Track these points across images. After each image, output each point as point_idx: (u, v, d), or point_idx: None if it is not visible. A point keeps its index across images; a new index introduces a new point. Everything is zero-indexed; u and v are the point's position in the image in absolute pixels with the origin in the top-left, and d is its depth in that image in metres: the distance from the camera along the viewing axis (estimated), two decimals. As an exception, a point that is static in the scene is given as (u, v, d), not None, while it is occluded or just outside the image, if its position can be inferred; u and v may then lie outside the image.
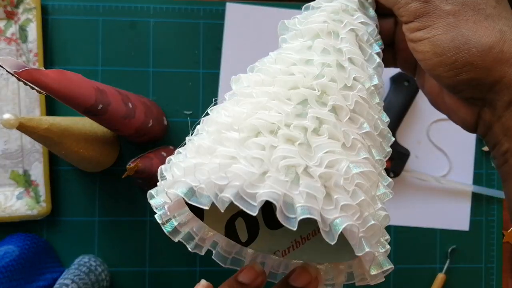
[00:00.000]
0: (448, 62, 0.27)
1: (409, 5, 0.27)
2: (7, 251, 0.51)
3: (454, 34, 0.26)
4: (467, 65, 0.26)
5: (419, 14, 0.27)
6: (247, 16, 0.60)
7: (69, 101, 0.38)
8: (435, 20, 0.27)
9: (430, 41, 0.27)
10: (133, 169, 0.45)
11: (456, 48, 0.26)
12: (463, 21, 0.26)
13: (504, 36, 0.26)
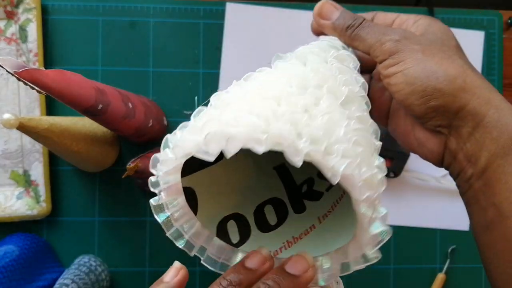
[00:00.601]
0: (419, 89, 0.29)
1: (383, 45, 0.31)
2: (7, 251, 0.51)
3: (423, 66, 0.30)
4: (436, 92, 0.29)
5: (392, 52, 0.31)
6: (247, 16, 0.60)
7: (69, 101, 0.38)
8: (407, 56, 0.30)
9: (403, 73, 0.30)
10: (133, 169, 0.45)
11: (426, 77, 0.29)
12: (430, 56, 0.30)
13: (465, 70, 0.29)
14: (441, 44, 0.31)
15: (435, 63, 0.30)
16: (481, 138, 0.29)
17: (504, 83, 0.63)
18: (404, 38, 0.31)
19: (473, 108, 0.28)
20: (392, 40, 0.31)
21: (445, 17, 0.62)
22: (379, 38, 0.31)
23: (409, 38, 0.31)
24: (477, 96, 0.29)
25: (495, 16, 0.63)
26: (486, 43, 0.63)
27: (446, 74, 0.29)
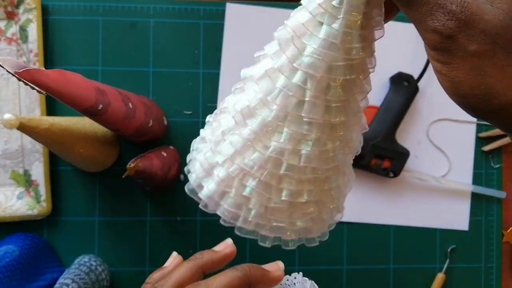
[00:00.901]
0: (468, 106, 0.25)
1: (429, 34, 0.24)
2: (7, 251, 0.51)
3: (476, 82, 0.23)
4: (488, 114, 0.24)
5: (439, 48, 0.24)
6: (247, 16, 0.61)
7: (69, 101, 0.38)
8: (457, 61, 0.23)
9: (450, 80, 0.24)
10: (133, 169, 0.45)
11: (476, 97, 0.24)
12: (489, 65, 0.23)
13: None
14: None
15: (492, 75, 0.23)
16: None
17: (503, 83, 0.63)
18: (461, 31, 0.22)
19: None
20: (440, 34, 0.23)
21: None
22: (425, 18, 0.23)
23: (470, 29, 0.22)
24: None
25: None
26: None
27: (503, 96, 0.23)
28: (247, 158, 0.33)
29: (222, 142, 0.34)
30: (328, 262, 0.61)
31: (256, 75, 0.32)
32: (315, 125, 0.30)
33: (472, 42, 0.22)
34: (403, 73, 0.60)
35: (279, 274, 0.35)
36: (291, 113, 0.30)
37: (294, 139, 0.31)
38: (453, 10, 0.22)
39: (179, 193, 0.59)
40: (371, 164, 0.59)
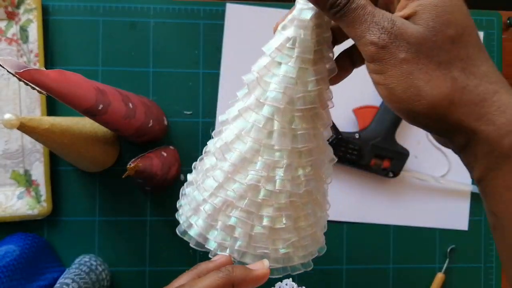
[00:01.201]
0: (404, 110, 0.28)
1: (367, 47, 0.28)
2: (8, 250, 0.52)
3: (407, 85, 0.27)
4: (422, 115, 0.28)
5: (375, 58, 0.28)
6: (247, 16, 0.61)
7: (70, 101, 0.38)
8: (390, 68, 0.27)
9: (386, 88, 0.28)
10: (133, 169, 0.45)
11: (409, 99, 0.27)
12: (416, 70, 0.27)
13: (455, 84, 0.27)
14: (439, 37, 0.27)
15: (420, 78, 0.27)
16: (474, 152, 0.28)
17: (503, 83, 0.63)
18: (392, 42, 0.27)
19: (462, 127, 0.27)
20: (376, 45, 0.27)
21: (444, 18, 0.63)
22: (363, 34, 0.27)
23: (398, 39, 0.27)
24: (467, 115, 0.27)
25: (494, 17, 0.63)
26: (485, 44, 0.63)
27: (431, 95, 0.27)
28: (229, 189, 0.36)
29: (206, 179, 0.38)
30: (328, 262, 0.61)
31: (231, 117, 0.37)
32: (285, 152, 0.34)
33: (401, 51, 0.27)
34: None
35: (264, 272, 0.35)
36: (263, 143, 0.35)
37: (268, 167, 0.35)
38: (385, 26, 0.27)
39: (179, 193, 0.59)
40: (371, 164, 0.59)
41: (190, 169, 0.52)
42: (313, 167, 0.36)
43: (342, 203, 0.61)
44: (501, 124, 0.27)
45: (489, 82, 0.27)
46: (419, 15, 0.27)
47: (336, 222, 0.61)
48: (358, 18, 0.27)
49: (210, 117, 0.60)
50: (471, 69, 0.27)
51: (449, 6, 0.27)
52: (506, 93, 0.27)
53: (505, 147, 0.27)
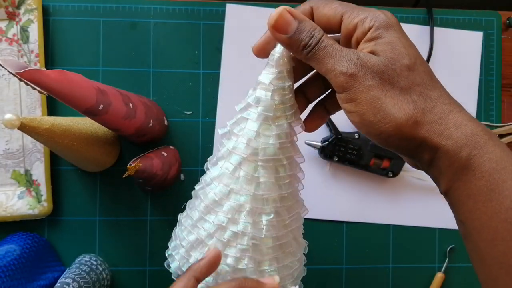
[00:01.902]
0: (376, 132, 0.31)
1: (337, 78, 0.30)
2: (9, 250, 0.52)
3: (376, 110, 0.30)
4: (392, 136, 0.30)
5: (346, 87, 0.30)
6: (247, 17, 0.61)
7: (70, 101, 0.38)
8: (360, 95, 0.30)
9: (358, 115, 0.31)
10: (134, 169, 0.45)
11: (379, 122, 0.30)
12: (382, 95, 0.30)
13: (416, 106, 0.30)
14: (397, 66, 0.30)
15: (387, 102, 0.30)
16: (438, 166, 0.31)
17: (502, 83, 0.63)
18: (359, 71, 0.30)
19: (427, 144, 0.30)
20: (345, 75, 0.30)
21: (443, 18, 0.63)
22: (334, 67, 0.31)
23: (364, 69, 0.30)
24: (429, 132, 0.30)
25: (494, 17, 0.63)
26: (484, 44, 0.63)
27: (397, 117, 0.30)
28: (201, 228, 0.41)
29: (187, 218, 0.43)
30: (327, 262, 0.61)
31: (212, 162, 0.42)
32: (248, 197, 0.38)
33: (368, 78, 0.30)
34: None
35: (274, 287, 0.37)
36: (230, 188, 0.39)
37: (234, 210, 0.39)
38: (352, 58, 0.30)
39: (179, 193, 0.60)
40: (371, 164, 0.59)
41: (190, 169, 0.53)
42: (277, 214, 0.39)
43: (342, 203, 0.61)
44: (457, 138, 0.30)
45: (443, 103, 0.30)
46: (377, 51, 0.31)
47: (336, 222, 0.61)
48: (328, 54, 0.31)
49: (210, 117, 0.60)
50: (427, 93, 0.31)
51: (400, 42, 0.31)
52: (459, 112, 0.30)
53: (463, 159, 0.29)
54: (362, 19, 0.31)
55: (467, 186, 0.30)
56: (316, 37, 0.31)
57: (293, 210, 0.41)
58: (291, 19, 0.32)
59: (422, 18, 0.63)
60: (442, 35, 0.62)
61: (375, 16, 0.31)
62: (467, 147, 0.29)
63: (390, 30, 0.31)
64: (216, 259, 0.38)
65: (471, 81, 0.63)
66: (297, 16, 0.32)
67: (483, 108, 0.63)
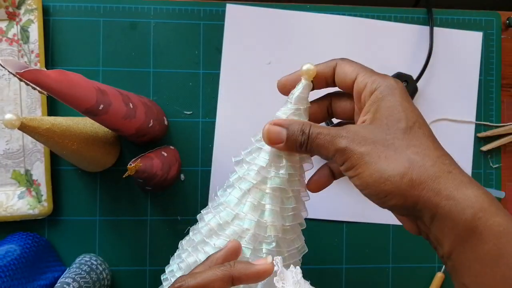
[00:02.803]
0: (374, 193, 0.32)
1: (335, 156, 0.33)
2: (9, 250, 0.52)
3: (371, 171, 0.31)
4: (388, 194, 0.31)
5: (343, 160, 0.33)
6: (247, 17, 0.61)
7: (70, 101, 0.39)
8: (355, 162, 0.32)
9: (358, 178, 0.32)
10: (134, 169, 0.45)
11: (376, 182, 0.31)
12: (376, 157, 0.31)
13: (412, 164, 0.30)
14: (391, 131, 0.32)
15: (381, 164, 0.31)
16: (440, 227, 0.30)
17: (502, 83, 0.63)
18: (350, 143, 0.32)
19: (425, 202, 0.30)
20: (339, 151, 0.32)
21: (443, 18, 0.63)
22: (329, 150, 0.33)
23: (355, 140, 0.32)
24: (426, 190, 0.30)
25: (493, 17, 0.63)
26: (484, 44, 0.63)
27: (392, 176, 0.30)
28: (201, 250, 0.41)
29: (189, 240, 0.44)
30: (327, 262, 0.61)
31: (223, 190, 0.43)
32: (252, 223, 0.39)
33: (360, 146, 0.32)
34: (402, 73, 0.60)
35: (266, 267, 0.35)
36: (236, 213, 0.40)
37: (236, 234, 0.39)
38: (342, 134, 0.33)
39: (179, 193, 0.60)
40: (370, 164, 0.59)
41: (190, 169, 0.53)
42: (278, 244, 0.40)
43: (342, 203, 0.61)
44: (459, 199, 0.29)
45: (443, 163, 0.31)
46: (376, 115, 0.33)
47: (336, 221, 0.61)
48: (320, 144, 0.33)
49: (210, 117, 0.60)
50: (425, 152, 0.31)
51: (400, 106, 0.32)
52: (459, 174, 0.30)
53: (468, 221, 0.29)
54: (371, 81, 0.34)
55: (473, 249, 0.29)
56: (305, 133, 0.34)
57: (293, 245, 0.41)
58: (279, 129, 0.35)
59: (422, 18, 0.63)
60: (442, 35, 0.63)
61: (383, 80, 0.33)
62: (471, 209, 0.29)
63: (392, 94, 0.33)
64: (234, 251, 0.37)
65: (471, 81, 0.63)
66: (282, 124, 0.35)
67: (483, 108, 0.63)
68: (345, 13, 0.62)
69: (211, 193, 0.60)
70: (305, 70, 0.37)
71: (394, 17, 0.62)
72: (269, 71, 0.60)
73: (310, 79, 0.38)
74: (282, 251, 0.40)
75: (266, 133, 0.35)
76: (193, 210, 0.59)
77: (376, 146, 0.32)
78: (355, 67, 0.35)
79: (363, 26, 0.62)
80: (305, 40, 0.61)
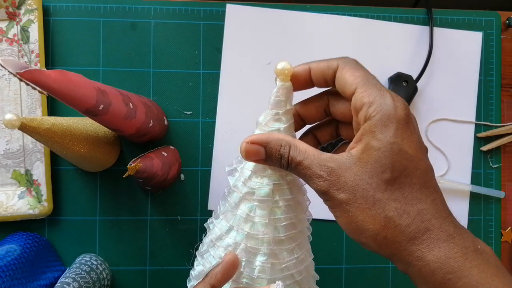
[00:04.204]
0: (352, 237, 0.32)
1: (317, 190, 0.32)
2: (9, 250, 0.52)
3: (348, 221, 0.31)
4: (364, 244, 0.31)
5: (324, 199, 0.32)
6: (246, 17, 0.61)
7: (70, 101, 0.39)
8: (334, 207, 0.31)
9: (337, 219, 0.32)
10: (134, 168, 0.45)
11: (353, 231, 0.31)
12: (354, 208, 0.30)
13: (388, 223, 0.30)
14: (374, 180, 0.30)
15: (357, 216, 0.30)
16: (414, 279, 0.31)
17: (502, 83, 0.63)
18: (330, 187, 0.31)
19: (398, 259, 0.30)
20: (319, 191, 0.31)
21: (443, 18, 0.63)
22: (309, 182, 0.32)
23: (335, 185, 0.31)
24: (399, 250, 0.30)
25: (493, 17, 0.63)
26: (484, 44, 0.63)
27: (367, 231, 0.30)
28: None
29: (203, 259, 0.42)
30: (327, 262, 0.61)
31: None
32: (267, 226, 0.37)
33: (340, 193, 0.31)
34: (402, 73, 0.60)
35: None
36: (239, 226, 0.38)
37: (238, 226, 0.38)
38: (323, 175, 0.31)
39: (179, 193, 0.60)
40: (370, 164, 0.59)
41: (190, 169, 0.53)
42: (274, 256, 0.38)
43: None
44: (429, 261, 0.29)
45: (421, 220, 0.30)
46: (363, 155, 0.31)
47: (336, 221, 0.61)
48: (300, 174, 0.32)
49: (210, 117, 0.60)
50: (405, 208, 0.30)
51: (390, 150, 0.30)
52: (437, 229, 0.30)
53: (437, 282, 0.29)
54: (369, 103, 0.31)
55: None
56: (284, 158, 0.32)
57: (293, 254, 0.39)
58: (257, 148, 0.33)
59: (422, 18, 0.63)
60: (441, 35, 0.63)
61: (382, 105, 0.30)
62: (440, 271, 0.29)
63: (386, 129, 0.30)
64: (232, 264, 0.37)
65: (470, 81, 0.63)
66: (260, 142, 0.33)
67: (482, 108, 0.63)
68: (345, 13, 0.62)
69: (211, 193, 0.60)
70: (280, 69, 0.34)
71: (394, 17, 0.62)
72: (269, 71, 0.60)
73: (287, 79, 0.34)
74: (281, 262, 0.38)
75: (244, 152, 0.34)
76: (193, 210, 0.60)
77: (355, 196, 0.30)
78: (356, 78, 0.32)
79: (363, 26, 0.62)
80: (305, 40, 0.61)
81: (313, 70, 0.35)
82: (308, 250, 0.41)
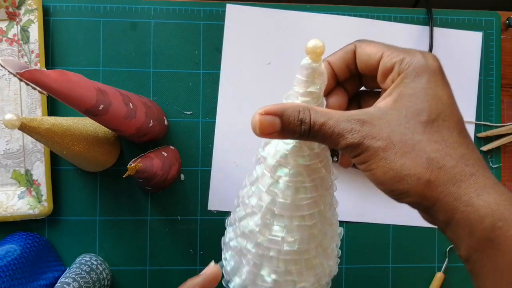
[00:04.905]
0: (388, 190, 0.30)
1: (345, 150, 0.30)
2: (9, 250, 0.52)
3: (385, 169, 0.29)
4: (404, 193, 0.29)
5: (356, 154, 0.30)
6: (247, 17, 0.61)
7: (70, 101, 0.39)
8: (369, 157, 0.29)
9: (370, 174, 0.30)
10: (134, 168, 0.45)
11: (390, 180, 0.29)
12: (392, 154, 0.29)
13: (431, 165, 0.28)
14: (411, 124, 0.29)
15: (396, 162, 0.29)
16: (457, 231, 0.29)
17: (502, 83, 0.63)
18: (364, 138, 0.29)
19: (442, 206, 0.28)
20: (351, 146, 0.29)
21: (443, 18, 0.63)
22: (337, 142, 0.30)
23: (370, 134, 0.29)
24: (445, 194, 0.28)
25: (493, 17, 0.63)
26: (484, 44, 0.63)
27: (408, 176, 0.28)
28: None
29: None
30: (327, 262, 0.61)
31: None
32: None
33: (376, 141, 0.29)
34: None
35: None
36: None
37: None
38: (354, 128, 0.29)
39: (179, 193, 0.60)
40: (370, 164, 0.59)
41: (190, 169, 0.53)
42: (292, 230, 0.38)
43: (342, 202, 0.61)
44: (479, 207, 0.27)
45: (465, 164, 0.28)
46: (395, 104, 0.30)
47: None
48: (326, 135, 0.30)
49: (210, 117, 0.60)
50: (447, 151, 0.29)
51: (425, 95, 0.29)
52: (482, 176, 0.28)
53: (486, 230, 0.27)
54: (400, 60, 0.30)
55: (492, 259, 0.28)
56: (306, 123, 0.30)
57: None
58: (270, 119, 0.30)
59: (422, 18, 0.63)
60: (441, 35, 0.63)
61: (412, 59, 0.30)
62: (490, 217, 0.27)
63: (419, 78, 0.30)
64: (214, 277, 0.36)
65: (470, 81, 0.63)
66: (274, 112, 0.30)
67: (482, 108, 0.63)
68: (345, 13, 0.62)
69: (211, 193, 0.60)
70: (311, 47, 0.31)
71: (394, 17, 0.62)
72: (269, 71, 0.60)
73: (318, 59, 0.31)
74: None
75: (258, 124, 0.31)
76: (193, 210, 0.60)
77: (392, 141, 0.29)
78: (379, 46, 0.32)
79: (363, 26, 0.62)
80: (305, 40, 0.61)
81: (332, 62, 0.34)
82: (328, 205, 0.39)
